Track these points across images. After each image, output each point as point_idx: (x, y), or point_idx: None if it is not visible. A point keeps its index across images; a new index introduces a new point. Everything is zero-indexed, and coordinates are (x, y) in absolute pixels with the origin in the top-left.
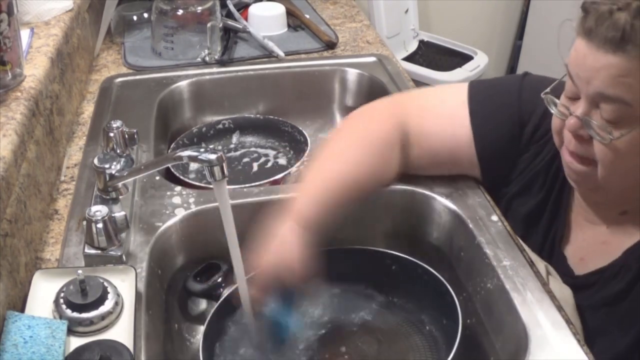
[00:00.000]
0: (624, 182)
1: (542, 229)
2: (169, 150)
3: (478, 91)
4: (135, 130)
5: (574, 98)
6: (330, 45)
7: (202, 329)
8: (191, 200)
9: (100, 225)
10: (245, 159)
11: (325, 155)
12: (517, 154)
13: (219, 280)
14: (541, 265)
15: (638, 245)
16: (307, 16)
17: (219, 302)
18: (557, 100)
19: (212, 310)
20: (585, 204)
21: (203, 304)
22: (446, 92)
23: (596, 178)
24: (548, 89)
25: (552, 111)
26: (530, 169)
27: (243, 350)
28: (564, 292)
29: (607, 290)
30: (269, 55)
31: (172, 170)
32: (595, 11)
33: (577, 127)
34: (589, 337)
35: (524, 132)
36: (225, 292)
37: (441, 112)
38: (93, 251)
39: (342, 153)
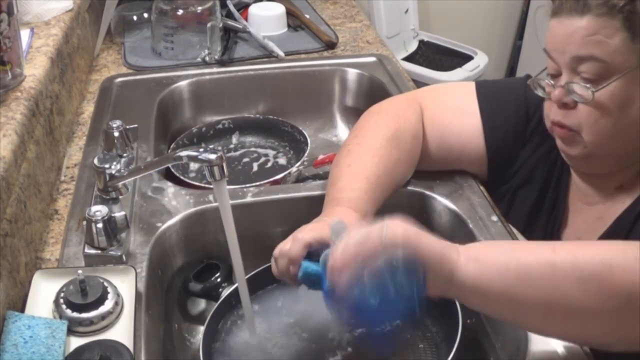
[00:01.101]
0: (612, 144)
1: (544, 217)
2: (169, 150)
3: (485, 88)
4: (135, 126)
5: (556, 75)
6: (330, 45)
7: (202, 329)
8: (191, 200)
9: (100, 225)
10: (245, 159)
11: (359, 152)
12: (520, 147)
13: (218, 280)
14: None
15: (627, 210)
16: (307, 16)
17: (219, 302)
18: (540, 80)
19: (212, 310)
20: (583, 185)
21: (203, 304)
22: (456, 88)
23: (585, 144)
24: (534, 76)
25: (539, 93)
26: (531, 160)
27: (243, 350)
28: None
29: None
30: (269, 55)
31: (172, 170)
32: None
33: (562, 95)
34: None
35: (528, 126)
36: (225, 292)
37: (452, 105)
38: (93, 251)
39: (377, 150)
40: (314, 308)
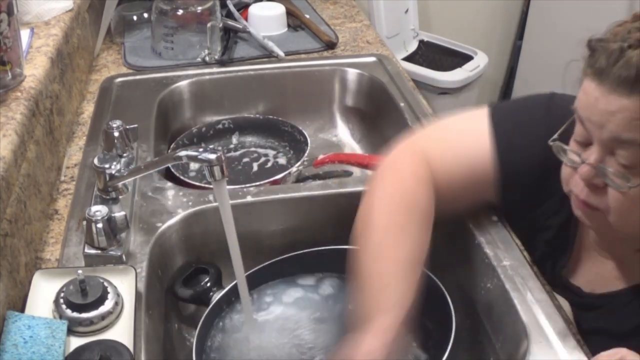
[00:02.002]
0: (637, 226)
1: (539, 252)
2: (169, 150)
3: (501, 118)
4: (135, 126)
5: (586, 143)
6: (330, 45)
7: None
8: (191, 200)
9: (100, 225)
10: (245, 159)
11: (377, 241)
12: (542, 193)
13: (208, 285)
14: None
15: None
16: (307, 16)
17: (211, 305)
18: (566, 147)
19: (204, 315)
20: (599, 240)
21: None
22: (465, 122)
23: (608, 223)
24: (556, 135)
25: (563, 159)
26: (556, 206)
27: (236, 353)
28: (561, 303)
29: (615, 316)
30: (269, 55)
31: (172, 170)
32: (604, 50)
33: (591, 175)
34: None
35: (546, 184)
36: (216, 296)
37: (460, 144)
38: (93, 251)
39: (397, 235)
40: (308, 308)
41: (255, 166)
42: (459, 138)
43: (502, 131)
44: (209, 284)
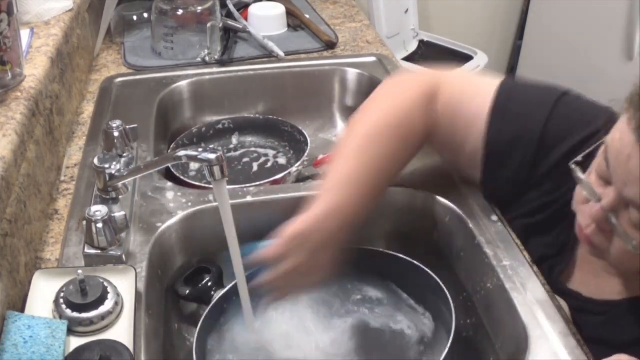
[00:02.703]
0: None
1: (537, 255)
2: (169, 150)
3: (506, 101)
4: (135, 126)
5: (604, 179)
6: (330, 45)
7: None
8: (191, 200)
9: (100, 225)
10: (245, 159)
11: (352, 145)
12: (525, 190)
13: (209, 284)
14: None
15: None
16: (307, 16)
17: (211, 304)
18: (583, 178)
19: (205, 313)
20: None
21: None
22: (476, 92)
23: (609, 259)
24: (580, 157)
25: (579, 184)
26: (540, 200)
27: (236, 352)
28: (561, 303)
29: (614, 325)
30: (269, 55)
31: (172, 170)
32: None
33: (601, 219)
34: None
35: (538, 163)
36: (217, 296)
37: (469, 102)
38: (93, 251)
39: (368, 145)
40: (308, 306)
41: (255, 166)
42: (469, 97)
43: (498, 115)
44: (210, 283)
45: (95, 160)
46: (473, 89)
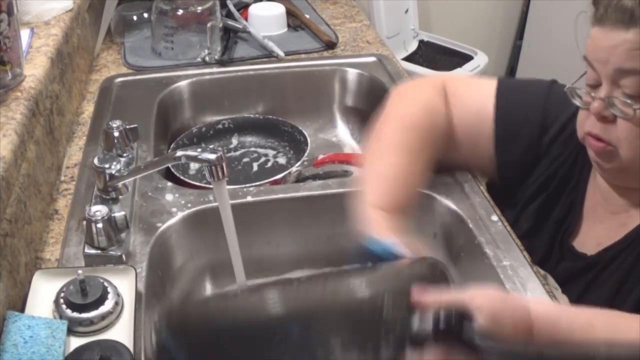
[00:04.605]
0: None
1: (552, 222)
2: (169, 150)
3: (506, 89)
4: (135, 126)
5: (595, 85)
6: (330, 45)
7: None
8: (191, 200)
9: (100, 225)
10: (245, 159)
11: (382, 148)
12: (535, 158)
13: None
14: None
15: None
16: (307, 16)
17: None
18: (579, 89)
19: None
20: (609, 195)
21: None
22: (479, 83)
23: (621, 160)
24: (571, 84)
25: (576, 102)
26: (549, 170)
27: None
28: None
29: (619, 263)
30: (269, 55)
31: (172, 170)
32: (604, 1)
33: (601, 108)
34: None
35: (543, 137)
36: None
37: (474, 94)
38: (93, 251)
39: (398, 144)
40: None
41: (255, 166)
42: (473, 97)
43: (503, 104)
44: None
45: (95, 160)
46: (474, 82)
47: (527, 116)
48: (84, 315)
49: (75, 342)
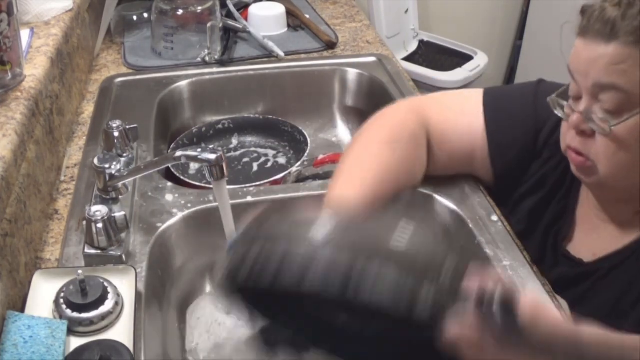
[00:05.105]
0: (629, 177)
1: (543, 226)
2: (169, 150)
3: (493, 99)
4: (135, 126)
5: (577, 97)
6: (330, 45)
7: (206, 320)
8: (191, 200)
9: (100, 225)
10: (245, 159)
11: (357, 153)
12: (530, 160)
13: None
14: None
15: None
16: (307, 16)
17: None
18: (563, 102)
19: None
20: (598, 204)
21: (202, 304)
22: (464, 98)
23: (599, 176)
24: (554, 94)
25: (558, 113)
26: (541, 171)
27: None
28: (561, 303)
29: (617, 275)
30: (269, 55)
31: (172, 170)
32: (589, 11)
33: (579, 122)
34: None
35: (538, 138)
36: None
37: (460, 117)
38: (93, 251)
39: (375, 150)
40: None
41: (255, 166)
42: (458, 116)
43: (493, 116)
44: None
45: (95, 160)
46: (458, 106)
47: (519, 121)
48: (84, 315)
49: (75, 342)
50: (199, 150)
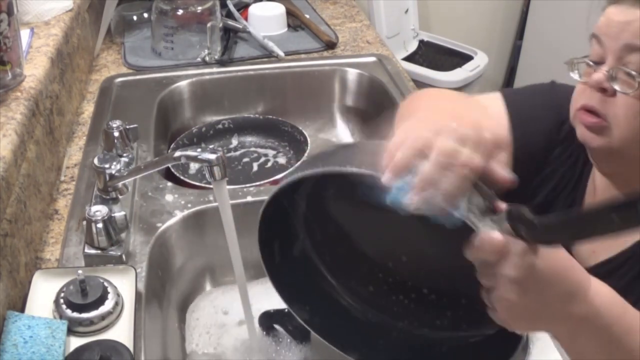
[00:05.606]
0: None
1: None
2: (169, 150)
3: (513, 95)
4: (135, 126)
5: (598, 62)
6: (330, 45)
7: (206, 320)
8: (191, 200)
9: (100, 225)
10: (245, 159)
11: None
12: (551, 151)
13: None
14: None
15: None
16: (307, 16)
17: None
18: (581, 59)
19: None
20: (609, 193)
21: (202, 305)
22: (484, 98)
23: (611, 138)
24: (575, 58)
25: (574, 76)
26: (556, 163)
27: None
28: None
29: (616, 280)
30: (269, 55)
31: (172, 170)
32: None
33: (603, 79)
34: None
35: (561, 129)
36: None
37: (486, 120)
38: (93, 251)
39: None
40: None
41: (255, 166)
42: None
43: (516, 110)
44: None
45: (95, 160)
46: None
47: (542, 113)
48: (84, 315)
49: (75, 342)
50: (199, 150)
